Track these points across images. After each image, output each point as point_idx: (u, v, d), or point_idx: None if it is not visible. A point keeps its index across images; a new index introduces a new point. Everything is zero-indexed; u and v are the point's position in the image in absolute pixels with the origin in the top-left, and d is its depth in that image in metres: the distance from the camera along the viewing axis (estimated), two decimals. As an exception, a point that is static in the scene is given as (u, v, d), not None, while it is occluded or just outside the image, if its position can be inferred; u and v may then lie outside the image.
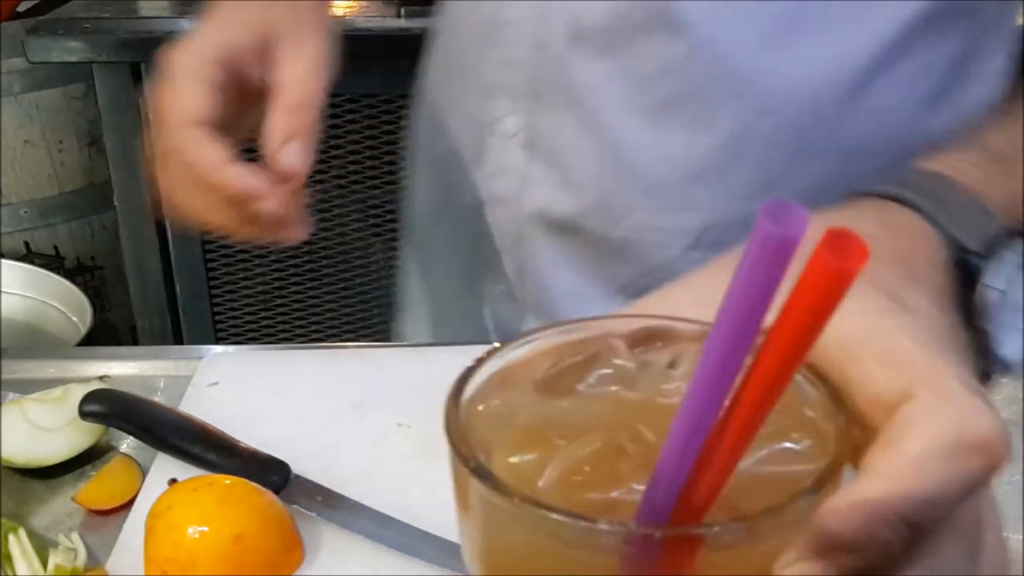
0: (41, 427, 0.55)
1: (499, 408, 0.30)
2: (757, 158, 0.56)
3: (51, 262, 1.54)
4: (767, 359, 0.23)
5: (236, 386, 0.59)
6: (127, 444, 0.57)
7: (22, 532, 0.49)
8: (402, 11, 1.34)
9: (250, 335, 1.55)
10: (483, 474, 0.26)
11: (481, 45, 0.61)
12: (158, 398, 0.59)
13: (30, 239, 1.57)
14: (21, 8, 1.51)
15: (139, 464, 0.54)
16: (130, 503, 0.51)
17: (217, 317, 1.54)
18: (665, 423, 0.26)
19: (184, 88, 0.52)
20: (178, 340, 1.53)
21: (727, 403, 0.24)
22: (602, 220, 0.60)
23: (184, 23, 1.39)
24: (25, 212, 1.55)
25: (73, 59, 1.37)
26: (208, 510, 0.45)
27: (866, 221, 0.36)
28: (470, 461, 0.26)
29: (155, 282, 1.50)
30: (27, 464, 0.54)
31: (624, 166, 0.58)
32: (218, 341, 1.52)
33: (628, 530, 0.25)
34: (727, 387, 0.23)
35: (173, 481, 0.50)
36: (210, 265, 1.50)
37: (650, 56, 0.55)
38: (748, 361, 0.23)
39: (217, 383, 0.59)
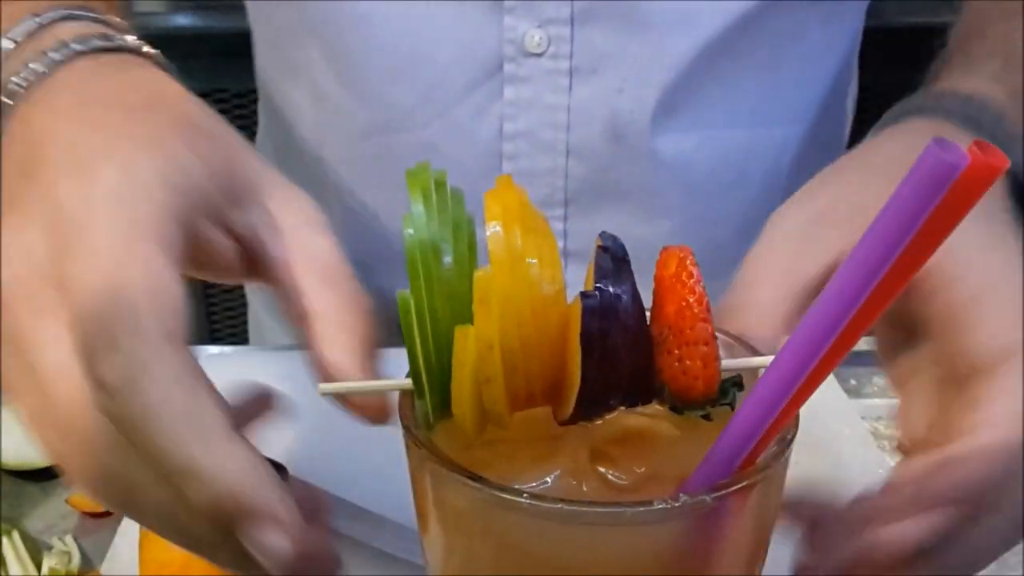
0: (34, 428, 0.54)
1: None
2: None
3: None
4: (903, 256, 0.23)
5: (232, 387, 0.59)
6: (122, 445, 0.57)
7: (16, 535, 0.49)
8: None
9: (246, 335, 1.54)
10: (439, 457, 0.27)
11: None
12: (153, 399, 0.58)
13: (24, 238, 1.56)
14: (15, 5, 1.50)
15: (134, 466, 0.54)
16: (125, 506, 0.51)
17: (213, 317, 1.53)
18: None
19: (127, 265, 0.27)
20: (174, 339, 1.52)
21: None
22: None
23: (178, 19, 1.38)
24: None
25: (68, 56, 1.36)
26: (204, 513, 0.45)
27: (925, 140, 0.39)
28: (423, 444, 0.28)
29: (150, 281, 1.49)
30: (21, 466, 0.54)
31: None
32: (214, 341, 1.52)
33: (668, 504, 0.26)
34: (853, 311, 0.24)
35: (168, 483, 0.49)
36: (206, 264, 1.49)
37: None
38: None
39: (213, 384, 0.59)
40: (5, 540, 0.48)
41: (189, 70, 1.34)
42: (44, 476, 0.54)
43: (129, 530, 0.48)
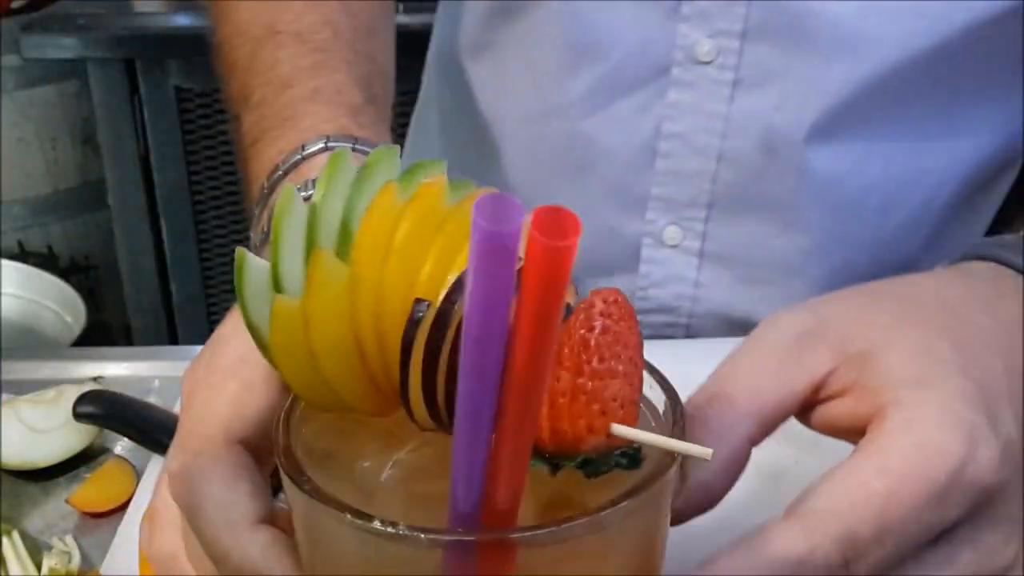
0: (35, 429, 0.54)
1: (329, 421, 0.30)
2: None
3: (45, 261, 1.53)
4: (517, 348, 0.22)
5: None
6: (121, 446, 0.56)
7: (16, 535, 0.49)
8: (401, 7, 1.33)
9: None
10: (306, 487, 0.27)
11: (618, 158, 0.60)
12: (153, 399, 0.58)
13: (24, 238, 1.56)
14: (15, 5, 1.50)
15: (134, 466, 0.54)
16: (125, 505, 0.51)
17: (213, 317, 1.53)
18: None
19: (226, 384, 0.33)
20: (173, 340, 1.52)
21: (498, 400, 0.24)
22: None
23: (179, 19, 1.38)
24: (19, 211, 1.55)
25: (67, 56, 1.36)
26: (204, 513, 0.45)
27: (978, 285, 0.36)
28: (297, 476, 0.27)
29: (150, 281, 1.49)
30: (21, 466, 0.54)
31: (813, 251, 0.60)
32: (213, 340, 1.51)
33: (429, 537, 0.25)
34: (491, 385, 0.23)
35: (168, 483, 0.49)
36: (205, 264, 1.49)
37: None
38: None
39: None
40: (5, 540, 0.48)
41: (189, 70, 1.35)
42: (44, 476, 0.54)
43: (129, 530, 0.47)
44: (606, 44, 0.58)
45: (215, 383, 0.33)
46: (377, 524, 0.25)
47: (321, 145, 0.43)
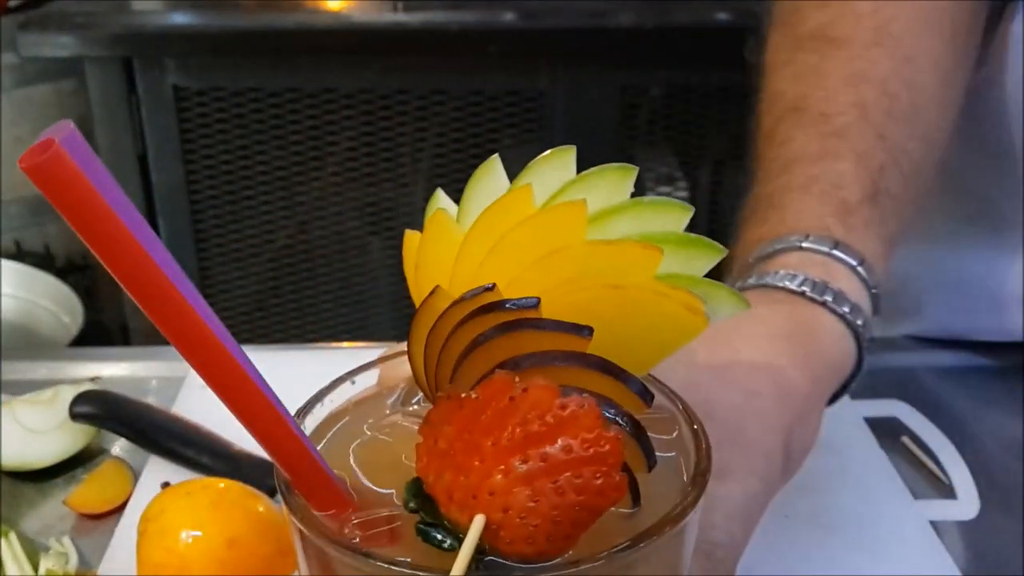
0: (32, 429, 0.54)
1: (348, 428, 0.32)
2: None
3: (42, 261, 1.53)
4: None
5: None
6: (119, 447, 0.56)
7: (13, 536, 0.48)
8: (400, 5, 1.33)
9: (244, 335, 1.54)
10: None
11: None
12: (150, 399, 0.58)
13: (21, 238, 1.56)
14: (12, 3, 1.49)
15: (131, 467, 0.54)
16: (122, 507, 0.51)
17: (210, 316, 1.53)
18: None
19: None
20: (171, 339, 1.51)
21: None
22: None
23: (177, 17, 1.38)
24: (16, 210, 1.54)
25: (65, 54, 1.36)
26: (202, 514, 0.44)
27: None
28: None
29: (148, 281, 1.49)
30: (18, 467, 0.54)
31: None
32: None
33: None
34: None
35: (166, 484, 0.49)
36: (203, 264, 1.49)
37: None
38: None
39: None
40: (3, 541, 0.48)
41: (187, 68, 1.35)
42: (41, 477, 0.54)
43: (126, 531, 0.47)
44: None
45: None
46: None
47: (796, 243, 0.43)
